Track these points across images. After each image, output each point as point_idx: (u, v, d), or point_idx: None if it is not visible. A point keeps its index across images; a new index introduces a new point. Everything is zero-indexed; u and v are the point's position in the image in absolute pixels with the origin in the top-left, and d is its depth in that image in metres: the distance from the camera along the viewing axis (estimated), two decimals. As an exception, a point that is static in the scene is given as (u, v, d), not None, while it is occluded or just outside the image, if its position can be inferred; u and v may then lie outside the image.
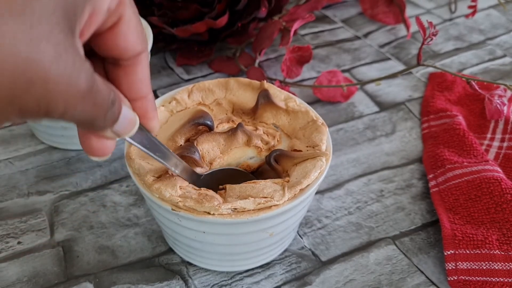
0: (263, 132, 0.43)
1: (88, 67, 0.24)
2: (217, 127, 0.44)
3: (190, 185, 0.38)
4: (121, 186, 0.52)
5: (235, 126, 0.43)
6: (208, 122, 0.42)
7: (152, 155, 0.35)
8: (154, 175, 0.38)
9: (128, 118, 0.30)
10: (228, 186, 0.39)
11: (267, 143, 0.42)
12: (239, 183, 0.39)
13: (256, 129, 0.44)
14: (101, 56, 0.29)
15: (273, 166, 0.40)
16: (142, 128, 0.33)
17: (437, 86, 0.64)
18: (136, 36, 0.29)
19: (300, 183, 0.38)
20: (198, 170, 0.40)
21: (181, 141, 0.41)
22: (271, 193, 0.37)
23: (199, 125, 0.42)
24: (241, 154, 0.42)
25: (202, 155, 0.41)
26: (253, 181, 0.39)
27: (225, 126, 0.44)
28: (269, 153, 0.41)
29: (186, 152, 0.39)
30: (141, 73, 0.30)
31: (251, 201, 0.36)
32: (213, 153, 0.42)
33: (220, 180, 0.41)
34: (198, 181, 0.39)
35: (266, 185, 0.38)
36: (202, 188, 0.38)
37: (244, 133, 0.42)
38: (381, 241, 0.46)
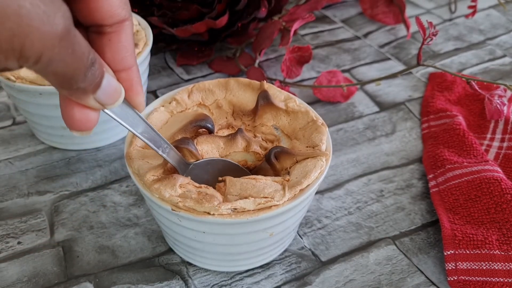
0: (262, 139, 0.44)
1: (66, 9, 0.24)
2: (217, 132, 0.44)
3: (190, 182, 0.38)
4: (121, 186, 0.52)
5: (234, 132, 0.43)
6: (209, 125, 0.42)
7: (138, 134, 0.34)
8: (154, 175, 0.38)
9: (112, 86, 0.29)
10: (228, 178, 0.39)
11: (265, 149, 0.42)
12: (234, 177, 0.39)
13: (255, 136, 0.44)
14: (85, 25, 0.29)
15: (272, 163, 0.40)
16: (128, 105, 0.32)
17: (437, 86, 0.64)
18: (119, 0, 0.29)
19: (300, 183, 0.38)
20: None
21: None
22: (272, 193, 0.37)
23: (200, 127, 0.42)
24: (240, 159, 0.42)
25: (202, 155, 0.41)
26: (253, 176, 0.39)
27: (225, 133, 0.44)
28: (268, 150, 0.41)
29: (181, 144, 0.39)
30: (125, 41, 0.30)
31: (251, 201, 0.36)
32: (212, 155, 0.42)
33: (211, 171, 0.40)
34: (186, 169, 0.39)
35: (267, 184, 0.38)
36: (202, 186, 0.38)
37: (244, 138, 0.42)
38: (381, 241, 0.47)
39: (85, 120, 0.29)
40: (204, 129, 0.43)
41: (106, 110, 0.31)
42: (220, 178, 0.39)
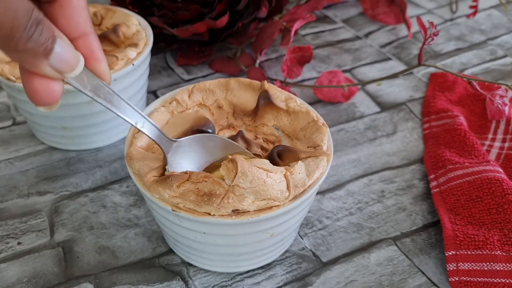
0: (263, 140, 0.43)
1: None
2: (218, 133, 0.44)
3: (190, 179, 0.37)
4: (121, 186, 0.52)
5: (235, 133, 0.43)
6: (209, 130, 0.42)
7: (108, 106, 0.33)
8: (154, 176, 0.38)
9: (66, 51, 0.29)
10: (239, 162, 0.36)
11: (266, 150, 0.42)
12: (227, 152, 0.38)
13: (256, 137, 0.44)
14: None
15: (276, 162, 0.40)
16: (93, 75, 0.31)
17: (438, 86, 0.64)
18: None
19: (304, 184, 0.38)
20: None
21: None
22: (278, 194, 0.36)
23: (201, 132, 0.42)
24: None
25: None
26: (265, 168, 0.37)
27: (226, 134, 0.44)
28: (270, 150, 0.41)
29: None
30: (77, 5, 0.30)
31: (252, 203, 0.36)
32: None
33: (200, 149, 0.39)
34: (170, 147, 0.37)
35: (278, 181, 0.37)
36: (200, 178, 0.37)
37: (244, 140, 0.42)
38: (382, 241, 0.46)
39: (47, 91, 0.29)
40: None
41: (71, 81, 0.30)
42: (230, 157, 0.37)
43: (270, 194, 0.36)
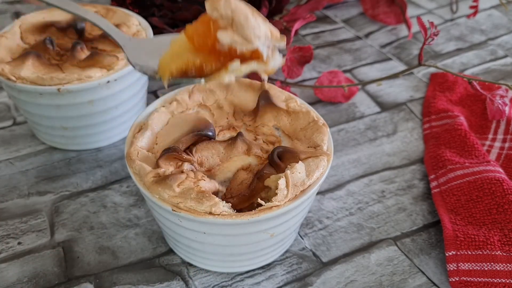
0: (263, 141, 0.43)
1: None
2: (218, 134, 0.44)
3: (187, 180, 0.37)
4: (122, 186, 0.52)
5: (235, 134, 0.43)
6: (210, 133, 0.42)
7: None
8: (153, 177, 0.38)
9: None
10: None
11: (267, 151, 0.42)
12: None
13: (256, 138, 0.43)
14: None
15: (276, 163, 0.40)
16: None
17: (439, 87, 0.64)
18: None
19: (303, 184, 0.38)
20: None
21: (182, 149, 0.41)
22: (255, 40, 0.36)
23: (201, 136, 0.42)
24: (241, 163, 0.42)
25: (201, 161, 0.41)
26: (253, 10, 0.37)
27: (226, 135, 0.44)
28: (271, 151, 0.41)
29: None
30: None
31: (229, 35, 0.35)
32: (212, 160, 0.41)
33: (153, 51, 0.39)
34: (123, 39, 0.38)
35: (261, 27, 0.36)
36: (199, 177, 0.37)
37: (244, 142, 0.42)
38: (382, 242, 0.46)
39: None
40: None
41: None
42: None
43: (247, 35, 0.35)
